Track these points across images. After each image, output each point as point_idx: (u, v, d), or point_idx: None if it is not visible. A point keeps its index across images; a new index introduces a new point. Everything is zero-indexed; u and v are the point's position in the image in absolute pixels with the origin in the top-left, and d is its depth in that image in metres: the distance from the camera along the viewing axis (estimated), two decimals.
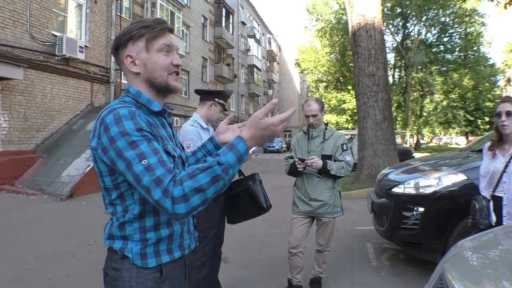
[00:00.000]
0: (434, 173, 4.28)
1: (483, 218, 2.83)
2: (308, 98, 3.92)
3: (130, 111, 1.24)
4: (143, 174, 1.14)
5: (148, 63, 1.36)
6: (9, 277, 4.27)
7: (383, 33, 11.47)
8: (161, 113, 1.41)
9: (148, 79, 1.37)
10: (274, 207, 3.10)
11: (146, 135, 1.21)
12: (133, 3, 18.64)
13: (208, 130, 3.21)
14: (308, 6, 34.45)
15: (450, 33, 32.48)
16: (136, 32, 1.35)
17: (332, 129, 3.68)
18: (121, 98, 1.40)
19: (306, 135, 3.65)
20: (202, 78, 28.70)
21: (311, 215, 3.58)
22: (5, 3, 10.17)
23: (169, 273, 1.37)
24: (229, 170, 1.16)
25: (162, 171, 1.14)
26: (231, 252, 5.05)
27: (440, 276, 1.81)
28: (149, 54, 1.35)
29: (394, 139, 11.30)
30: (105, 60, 14.47)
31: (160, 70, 1.36)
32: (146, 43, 1.35)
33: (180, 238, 1.41)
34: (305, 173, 3.53)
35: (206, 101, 3.24)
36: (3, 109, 10.24)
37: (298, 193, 3.64)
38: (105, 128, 1.22)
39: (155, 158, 1.17)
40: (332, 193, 3.52)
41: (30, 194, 9.42)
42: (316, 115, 3.51)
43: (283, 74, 61.48)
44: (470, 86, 31.88)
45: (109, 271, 1.35)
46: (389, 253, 4.98)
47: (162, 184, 1.12)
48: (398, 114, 33.63)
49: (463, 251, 1.99)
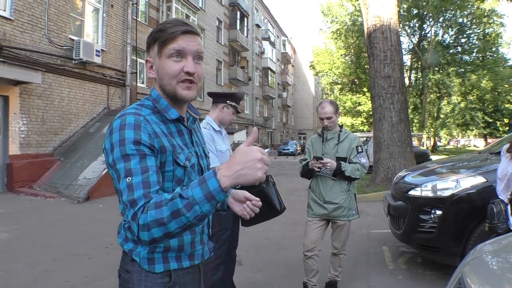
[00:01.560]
0: (452, 176, 4.21)
1: (501, 223, 2.76)
2: (322, 100, 3.89)
3: (136, 120, 1.22)
4: (124, 191, 1.13)
5: (160, 70, 1.32)
6: (28, 279, 4.32)
7: (399, 35, 11.36)
8: (178, 120, 1.37)
9: (161, 85, 1.34)
10: (289, 209, 3.09)
11: (141, 150, 1.18)
12: (149, 6, 18.82)
13: (221, 133, 3.21)
14: (323, 8, 34.30)
15: (468, 34, 31.98)
16: (152, 36, 1.32)
17: (347, 131, 3.65)
18: (142, 101, 1.38)
19: (321, 137, 3.63)
20: (217, 81, 28.81)
21: (326, 218, 3.55)
22: (24, 8, 10.37)
23: (179, 278, 1.34)
24: (193, 206, 1.01)
25: (140, 194, 1.11)
26: (246, 255, 5.04)
27: (459, 280, 1.78)
28: (160, 60, 1.30)
29: (410, 141, 11.16)
30: (121, 64, 14.64)
31: (167, 78, 1.30)
32: (159, 48, 1.30)
33: (191, 248, 1.37)
34: (320, 176, 3.50)
35: (218, 103, 3.24)
36: (22, 113, 10.42)
37: (313, 196, 3.61)
38: (110, 132, 1.22)
39: (140, 177, 1.14)
40: (347, 195, 3.49)
41: (48, 196, 9.55)
42: (330, 117, 3.48)
43: (298, 77, 61.41)
44: (489, 88, 31.28)
45: (122, 273, 1.35)
46: (406, 257, 4.91)
47: (135, 207, 1.09)
48: (415, 116, 33.25)
49: (482, 255, 1.96)
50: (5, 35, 9.83)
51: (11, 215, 7.66)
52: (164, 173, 1.27)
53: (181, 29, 1.28)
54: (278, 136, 52.00)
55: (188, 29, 1.30)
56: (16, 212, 7.95)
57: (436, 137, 42.38)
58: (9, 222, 7.03)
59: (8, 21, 9.94)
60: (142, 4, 18.15)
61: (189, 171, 1.34)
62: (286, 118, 56.85)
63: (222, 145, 3.14)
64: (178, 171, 1.30)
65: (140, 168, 1.15)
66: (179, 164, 1.29)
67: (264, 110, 44.07)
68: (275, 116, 49.25)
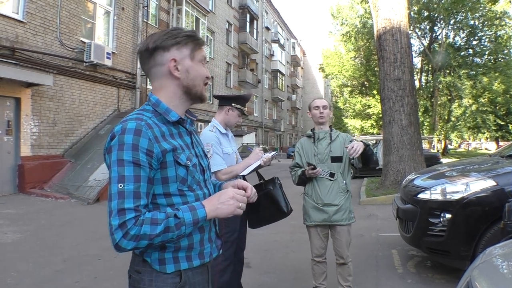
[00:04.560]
0: (461, 179, 4.16)
1: (511, 221, 2.76)
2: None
3: (138, 125, 1.27)
4: (114, 197, 1.20)
5: (192, 71, 1.41)
6: (38, 280, 4.37)
7: (409, 37, 11.29)
8: (179, 122, 1.43)
9: (187, 86, 1.41)
10: (297, 212, 3.07)
11: (138, 159, 1.24)
12: (159, 10, 18.93)
13: (227, 135, 3.21)
14: (332, 10, 34.28)
15: (480, 36, 31.66)
16: (182, 39, 1.39)
17: (338, 131, 3.53)
18: (142, 106, 1.43)
19: (311, 138, 3.47)
20: (226, 84, 28.89)
21: (326, 223, 3.36)
22: (36, 11, 10.50)
23: (189, 279, 1.36)
24: (181, 227, 1.24)
25: (130, 206, 1.20)
26: (254, 257, 5.04)
27: (468, 284, 1.75)
28: (193, 62, 1.41)
29: (420, 144, 11.06)
30: (131, 66, 14.75)
31: (200, 79, 1.43)
32: (192, 51, 1.40)
33: (200, 247, 1.40)
34: (316, 178, 3.33)
35: (224, 106, 3.24)
36: (34, 115, 10.54)
37: (310, 201, 3.39)
38: (111, 136, 1.28)
39: (132, 186, 1.22)
40: (346, 196, 3.33)
41: (59, 198, 9.65)
42: (326, 107, 3.41)
43: (307, 79, 61.32)
44: (501, 90, 31.00)
45: (132, 273, 1.38)
46: (415, 260, 4.86)
47: (124, 217, 1.18)
48: (425, 119, 33.04)
49: (492, 258, 1.93)
50: (18, 37, 9.96)
51: (23, 216, 7.74)
52: (168, 178, 1.32)
53: (203, 41, 1.51)
54: (288, 138, 51.94)
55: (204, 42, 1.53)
56: (27, 213, 8.03)
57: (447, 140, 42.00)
58: (21, 223, 7.11)
59: (20, 24, 10.08)
60: (152, 7, 18.27)
61: (191, 170, 1.39)
62: (296, 120, 56.77)
63: (229, 147, 3.14)
64: (180, 171, 1.34)
65: (133, 177, 1.23)
66: (180, 164, 1.33)
67: (273, 113, 44.08)
68: (284, 119, 49.22)
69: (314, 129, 3.51)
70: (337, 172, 3.31)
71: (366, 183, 12.89)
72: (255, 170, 3.11)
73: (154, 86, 1.44)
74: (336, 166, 3.33)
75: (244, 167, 3.07)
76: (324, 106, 3.40)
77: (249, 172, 3.06)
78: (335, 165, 3.32)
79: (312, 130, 3.51)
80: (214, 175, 2.95)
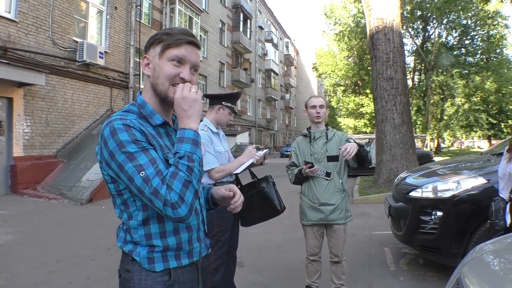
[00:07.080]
0: (453, 177, 4.20)
1: (498, 219, 2.82)
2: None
3: (124, 123, 1.26)
4: (143, 187, 1.20)
5: (157, 69, 1.38)
6: (32, 281, 4.35)
7: (402, 36, 11.34)
8: (165, 123, 1.43)
9: (153, 84, 1.40)
10: (290, 211, 3.08)
11: (142, 145, 1.25)
12: (152, 9, 18.88)
13: (218, 134, 3.21)
14: (326, 10, 34.33)
15: (472, 35, 31.91)
16: (158, 37, 1.39)
17: (334, 130, 3.52)
18: (127, 106, 1.43)
19: (307, 137, 3.46)
20: (219, 83, 28.85)
21: (322, 223, 3.36)
22: (29, 10, 10.44)
23: (178, 277, 1.37)
24: (192, 156, 1.24)
25: (158, 182, 1.20)
26: (247, 256, 5.05)
27: (458, 281, 1.76)
28: (160, 60, 1.37)
29: (413, 143, 11.12)
30: (124, 66, 14.69)
31: (163, 78, 1.36)
32: (161, 49, 1.37)
33: (188, 246, 1.40)
34: (312, 177, 3.33)
35: (214, 105, 3.24)
36: (26, 115, 10.48)
37: (306, 200, 3.40)
38: (104, 142, 1.27)
39: (152, 168, 1.22)
40: (342, 196, 3.33)
41: (51, 198, 9.60)
42: (323, 106, 3.39)
43: (301, 78, 61.36)
44: (493, 89, 31.20)
45: (123, 272, 1.38)
46: (407, 258, 4.90)
47: (160, 195, 1.18)
48: (418, 118, 33.19)
49: (482, 255, 1.93)
50: (10, 37, 9.89)
51: (15, 217, 7.70)
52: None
53: (188, 39, 1.38)
54: (281, 137, 51.94)
55: (193, 41, 1.40)
56: (19, 214, 7.99)
57: (440, 139, 42.22)
58: (13, 224, 7.07)
59: (12, 23, 10.01)
60: (145, 6, 18.22)
61: None
62: (289, 120, 56.78)
63: (220, 146, 3.15)
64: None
65: (149, 161, 1.23)
66: (168, 162, 1.32)
67: (267, 112, 44.06)
68: (278, 118, 49.20)
69: (310, 128, 3.50)
70: (333, 172, 3.31)
71: (359, 181, 12.94)
72: (248, 168, 3.11)
73: (143, 88, 1.47)
74: (332, 165, 3.32)
75: (237, 165, 3.08)
76: (321, 106, 3.39)
77: (242, 170, 3.07)
78: (331, 165, 3.32)
79: (308, 129, 3.50)
80: (207, 173, 2.95)
